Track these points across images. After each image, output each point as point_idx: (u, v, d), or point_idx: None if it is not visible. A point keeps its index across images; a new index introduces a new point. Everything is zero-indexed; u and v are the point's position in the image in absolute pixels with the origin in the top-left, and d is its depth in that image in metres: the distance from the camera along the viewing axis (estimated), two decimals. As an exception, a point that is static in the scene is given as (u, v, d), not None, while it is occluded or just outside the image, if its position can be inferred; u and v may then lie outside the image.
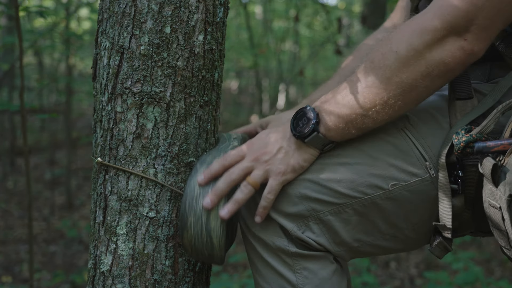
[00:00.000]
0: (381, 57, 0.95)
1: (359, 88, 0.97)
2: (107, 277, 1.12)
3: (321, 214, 1.05)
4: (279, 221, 1.05)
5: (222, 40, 1.18)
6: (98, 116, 1.16)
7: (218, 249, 1.05)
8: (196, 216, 1.04)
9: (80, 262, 3.78)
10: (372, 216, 1.06)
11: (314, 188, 1.05)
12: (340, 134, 1.03)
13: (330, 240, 1.07)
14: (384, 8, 5.00)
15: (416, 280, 3.43)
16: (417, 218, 1.07)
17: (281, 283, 1.07)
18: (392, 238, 1.09)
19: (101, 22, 1.14)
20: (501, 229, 0.92)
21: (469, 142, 0.96)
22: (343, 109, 1.00)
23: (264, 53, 5.62)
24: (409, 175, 1.04)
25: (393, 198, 1.04)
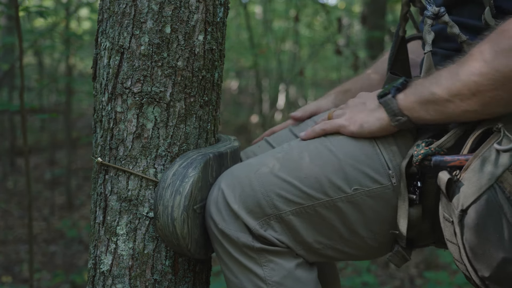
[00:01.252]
0: (479, 54, 0.94)
1: (451, 73, 0.96)
2: (107, 277, 1.12)
3: (283, 214, 1.07)
4: (243, 219, 1.07)
5: (222, 40, 1.18)
6: (98, 116, 1.16)
7: (182, 239, 1.07)
8: (164, 206, 1.06)
9: (80, 262, 3.78)
10: (333, 220, 1.07)
11: (280, 185, 1.06)
12: (417, 111, 1.00)
13: (291, 238, 1.08)
14: (384, 8, 5.00)
15: (416, 280, 3.43)
16: (378, 227, 1.08)
17: (249, 277, 1.09)
18: (353, 245, 1.10)
19: (101, 22, 1.14)
20: (453, 243, 0.95)
21: (427, 155, 0.97)
22: (430, 87, 0.99)
23: (264, 53, 5.62)
24: (372, 181, 1.05)
25: (354, 202, 1.05)
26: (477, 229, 0.89)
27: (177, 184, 1.07)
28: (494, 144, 0.89)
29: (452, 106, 0.96)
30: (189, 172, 1.07)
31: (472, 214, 0.89)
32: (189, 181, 1.06)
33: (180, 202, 1.05)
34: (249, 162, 1.13)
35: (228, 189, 1.08)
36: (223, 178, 1.11)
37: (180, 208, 1.05)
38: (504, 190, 0.87)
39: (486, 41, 0.94)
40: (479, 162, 0.90)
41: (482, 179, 0.89)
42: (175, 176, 1.07)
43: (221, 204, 1.08)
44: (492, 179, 0.88)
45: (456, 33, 1.04)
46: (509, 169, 0.87)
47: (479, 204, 0.89)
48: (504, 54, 0.90)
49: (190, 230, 1.07)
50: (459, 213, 0.90)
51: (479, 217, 0.89)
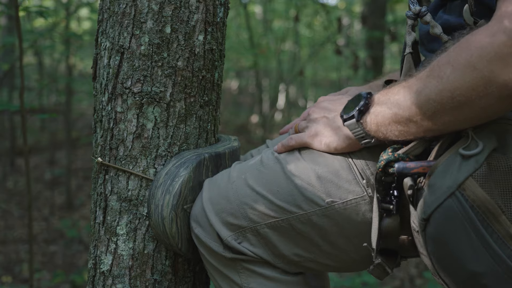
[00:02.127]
0: (438, 68, 0.86)
1: (410, 92, 0.89)
2: (107, 277, 1.12)
3: (258, 227, 1.04)
4: (216, 229, 1.05)
5: (222, 40, 1.18)
6: (98, 116, 1.16)
7: (171, 238, 1.07)
8: (155, 204, 1.07)
9: (80, 262, 3.78)
10: (310, 233, 1.03)
11: (253, 197, 1.04)
12: (382, 132, 0.95)
13: (268, 252, 1.05)
14: (384, 8, 5.00)
15: (416, 280, 3.43)
16: (358, 240, 1.02)
17: (228, 283, 1.08)
18: (335, 257, 1.06)
19: (101, 22, 1.14)
20: (424, 254, 0.89)
21: (390, 161, 0.91)
22: (393, 108, 0.92)
23: (264, 53, 5.62)
24: (346, 192, 1.00)
25: (329, 215, 1.01)
26: (439, 240, 0.84)
27: (168, 183, 1.07)
28: (459, 149, 0.83)
29: (414, 126, 0.89)
30: (180, 171, 1.08)
31: (433, 224, 0.83)
32: (179, 180, 1.07)
33: (169, 201, 1.06)
34: (229, 171, 1.11)
35: (206, 198, 1.07)
36: (206, 185, 1.10)
37: (168, 207, 1.06)
38: (466, 198, 0.81)
39: (445, 54, 0.86)
40: (442, 168, 0.84)
41: (444, 186, 0.82)
42: (167, 176, 1.08)
43: (199, 212, 1.08)
44: (453, 186, 0.81)
45: (437, 33, 0.97)
46: (473, 176, 0.81)
47: (440, 212, 0.82)
48: (461, 70, 0.81)
49: (180, 229, 1.08)
50: (422, 222, 0.85)
51: (441, 226, 0.83)
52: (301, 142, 1.05)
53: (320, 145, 1.03)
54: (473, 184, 0.81)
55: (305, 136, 1.05)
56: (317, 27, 7.80)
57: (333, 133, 1.02)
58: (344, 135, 1.00)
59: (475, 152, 0.82)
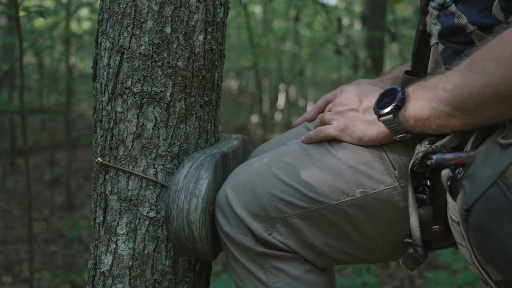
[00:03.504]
0: (481, 62, 0.85)
1: (451, 86, 0.89)
2: (107, 277, 1.12)
3: (288, 217, 1.04)
4: (246, 222, 1.05)
5: (222, 40, 1.18)
6: (98, 116, 1.16)
7: (199, 242, 1.06)
8: (178, 209, 1.05)
9: (80, 262, 3.78)
10: (340, 223, 1.03)
11: (283, 189, 1.04)
12: (419, 127, 0.94)
13: (298, 243, 1.05)
14: (384, 8, 5.00)
15: (416, 280, 3.43)
16: (389, 229, 1.03)
17: (253, 281, 1.07)
18: (365, 248, 1.06)
19: (101, 22, 1.14)
20: (463, 245, 0.89)
21: (427, 153, 0.92)
22: (431, 102, 0.91)
23: (264, 53, 5.62)
24: (377, 183, 1.00)
25: (360, 206, 1.01)
26: (482, 229, 0.83)
27: (192, 186, 1.05)
28: (498, 139, 0.83)
29: (454, 120, 0.89)
30: (202, 173, 1.06)
31: (476, 214, 0.83)
32: (204, 183, 1.05)
33: (198, 204, 1.04)
34: (251, 164, 1.11)
35: (232, 192, 1.07)
36: (228, 181, 1.10)
37: (197, 210, 1.04)
38: (509, 186, 0.80)
39: (487, 48, 0.85)
40: (482, 158, 0.84)
41: (485, 175, 0.82)
42: (187, 179, 1.06)
43: (225, 207, 1.07)
44: (495, 175, 0.80)
45: (463, 23, 0.97)
46: None
47: (482, 201, 0.82)
48: (507, 65, 0.81)
49: (207, 233, 1.06)
50: (463, 212, 0.84)
51: (484, 216, 0.82)
52: (330, 135, 1.05)
53: (351, 138, 1.02)
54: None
55: (334, 129, 1.04)
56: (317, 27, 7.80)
57: (365, 127, 1.01)
58: (378, 129, 1.00)
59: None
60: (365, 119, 1.02)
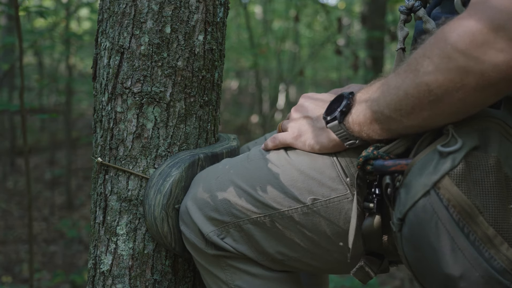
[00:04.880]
0: (415, 61, 0.83)
1: (389, 88, 0.86)
2: (107, 277, 1.12)
3: (241, 222, 1.02)
4: (198, 224, 1.04)
5: (222, 40, 1.18)
6: (98, 116, 1.16)
7: (164, 238, 1.07)
8: (148, 204, 1.08)
9: (80, 262, 3.78)
10: (292, 232, 1.00)
11: (237, 193, 1.02)
12: (365, 132, 0.91)
13: (252, 248, 1.04)
14: (384, 8, 5.00)
15: (416, 280, 3.43)
16: (342, 239, 0.99)
17: (214, 279, 1.08)
18: (319, 258, 1.03)
19: (101, 22, 1.14)
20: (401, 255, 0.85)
21: (368, 159, 0.88)
22: (372, 106, 0.89)
23: (264, 53, 5.62)
24: (329, 190, 0.97)
25: (311, 214, 0.98)
26: (414, 240, 0.80)
27: (160, 183, 1.07)
28: (438, 146, 0.79)
29: (394, 123, 0.86)
30: (172, 171, 1.08)
31: (408, 223, 0.80)
32: (169, 180, 1.07)
33: (160, 200, 1.06)
34: (217, 166, 1.10)
35: (191, 193, 1.07)
36: (194, 181, 1.09)
37: (159, 206, 1.06)
38: (441, 197, 0.77)
39: (421, 47, 0.82)
40: (419, 166, 0.80)
41: (419, 184, 0.79)
42: (160, 176, 1.08)
43: (183, 208, 1.07)
44: (428, 184, 0.77)
45: (429, 28, 0.94)
46: (450, 174, 0.77)
47: (413, 211, 0.79)
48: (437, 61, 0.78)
49: (172, 229, 1.07)
50: (397, 222, 0.81)
51: (415, 227, 0.79)
52: (285, 142, 1.03)
53: (304, 146, 1.01)
54: (449, 182, 0.77)
55: (288, 136, 1.03)
56: (317, 27, 7.80)
57: (316, 134, 0.99)
58: (328, 137, 0.97)
59: (453, 149, 0.78)
60: (316, 126, 1.00)
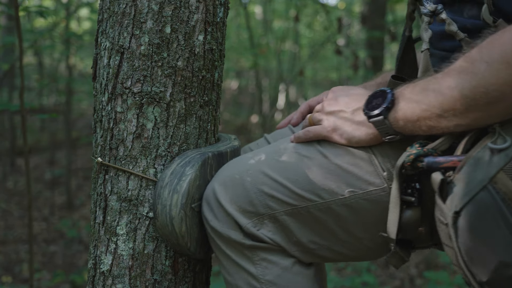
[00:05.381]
0: (471, 64, 0.88)
1: (441, 87, 0.91)
2: (107, 277, 1.12)
3: (277, 213, 1.05)
4: (234, 217, 1.06)
5: (222, 40, 1.18)
6: (98, 116, 1.16)
7: (181, 238, 1.07)
8: (162, 205, 1.07)
9: (80, 262, 3.78)
10: (328, 221, 1.05)
11: (272, 185, 1.05)
12: (409, 128, 0.97)
13: (285, 239, 1.07)
14: (384, 8, 5.00)
15: (416, 280, 3.43)
16: (375, 229, 1.04)
17: (242, 275, 1.08)
18: (352, 246, 1.08)
19: (101, 22, 1.14)
20: (450, 246, 0.91)
21: (419, 156, 0.94)
22: (421, 104, 0.94)
23: (264, 53, 5.62)
24: (366, 183, 1.03)
25: (349, 205, 1.03)
26: (471, 232, 0.85)
27: (175, 182, 1.07)
28: (488, 144, 0.85)
29: (444, 121, 0.92)
30: (186, 170, 1.07)
31: (465, 216, 0.85)
32: (186, 179, 1.06)
33: (178, 200, 1.06)
34: (241, 160, 1.12)
35: (220, 187, 1.08)
36: (216, 176, 1.11)
37: (177, 206, 1.06)
38: (498, 191, 0.83)
39: (476, 51, 0.88)
40: (472, 163, 0.86)
41: (475, 180, 0.85)
42: (173, 175, 1.08)
43: (213, 202, 1.08)
44: (485, 180, 0.83)
45: (454, 31, 1.00)
46: (504, 169, 0.83)
47: (472, 205, 0.85)
48: (496, 66, 0.84)
49: (189, 229, 1.07)
50: (453, 215, 0.86)
51: (473, 219, 0.85)
52: (319, 135, 1.07)
53: (340, 139, 1.04)
54: (504, 177, 0.82)
55: (323, 130, 1.06)
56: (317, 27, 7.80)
57: (354, 128, 1.03)
58: (367, 131, 1.02)
59: (505, 147, 0.84)
60: (354, 120, 1.04)
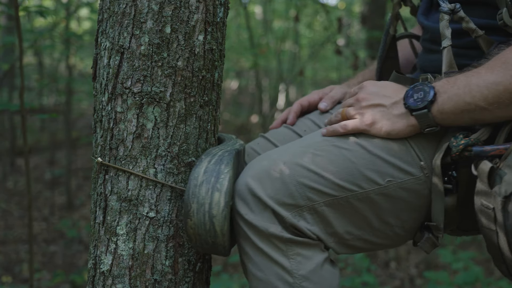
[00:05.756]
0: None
1: (485, 82, 0.99)
2: (107, 277, 1.12)
3: (316, 205, 1.08)
4: (275, 209, 1.07)
5: (222, 40, 1.18)
6: (98, 116, 1.16)
7: (221, 237, 1.06)
8: (199, 203, 1.05)
9: (80, 262, 3.78)
10: (365, 211, 1.09)
11: (312, 178, 1.07)
12: (451, 120, 1.04)
13: (323, 230, 1.09)
14: (384, 8, 5.00)
15: (416, 280, 3.43)
16: (407, 216, 1.11)
17: (275, 269, 1.08)
18: (382, 234, 1.13)
19: (101, 22, 1.14)
20: (492, 229, 0.98)
21: (467, 146, 1.01)
22: (465, 97, 1.01)
23: (264, 53, 5.62)
24: (404, 173, 1.08)
25: (386, 194, 1.08)
26: None
27: (213, 181, 1.06)
28: None
29: (487, 114, 1.00)
30: (222, 168, 1.07)
31: None
32: (225, 177, 1.06)
33: (220, 199, 1.05)
34: (271, 155, 1.13)
35: (255, 182, 1.08)
36: (247, 171, 1.11)
37: (220, 204, 1.04)
38: None
39: None
40: None
41: None
42: (207, 173, 1.06)
43: (248, 197, 1.08)
44: None
45: (473, 28, 1.08)
46: None
47: None
48: None
49: (228, 227, 1.07)
50: (502, 199, 0.93)
51: None
52: (358, 129, 1.11)
53: (379, 132, 1.09)
54: None
55: (362, 124, 1.10)
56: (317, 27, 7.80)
57: (394, 121, 1.08)
58: (407, 123, 1.07)
59: None
60: (392, 113, 1.09)
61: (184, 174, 1.13)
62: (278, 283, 1.07)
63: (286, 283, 1.07)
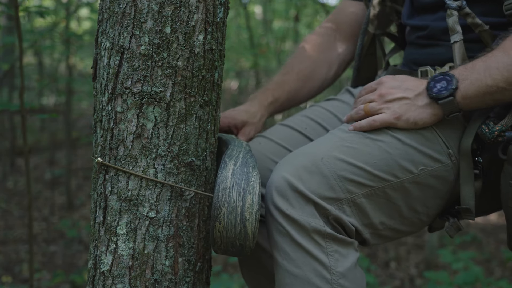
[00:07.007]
0: None
1: (505, 64, 1.07)
2: (107, 277, 1.12)
3: (355, 197, 1.11)
4: (318, 202, 1.09)
5: (222, 40, 1.18)
6: (98, 116, 1.16)
7: (252, 239, 1.06)
8: (230, 207, 1.05)
9: (80, 262, 3.78)
10: (398, 200, 1.14)
11: (351, 170, 1.11)
12: (474, 103, 1.11)
13: (359, 222, 1.13)
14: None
15: (416, 280, 3.43)
16: (433, 202, 1.17)
17: (314, 266, 1.08)
18: (409, 222, 1.18)
19: (101, 22, 1.14)
20: None
21: (501, 131, 1.09)
22: (486, 81, 1.08)
23: (264, 53, 5.62)
24: (434, 161, 1.14)
25: (418, 182, 1.14)
26: None
27: (243, 184, 1.06)
28: None
29: (508, 93, 1.08)
30: (250, 171, 1.07)
31: None
32: (256, 180, 1.07)
33: (253, 201, 1.05)
34: (305, 151, 1.15)
35: (294, 177, 1.09)
36: (284, 167, 1.12)
37: (254, 207, 1.05)
38: None
39: None
40: None
41: None
42: (236, 176, 1.07)
43: (288, 192, 1.09)
44: None
45: (479, 23, 1.15)
46: None
47: None
48: None
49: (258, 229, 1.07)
50: None
51: None
52: (386, 123, 1.15)
53: (407, 124, 1.14)
54: None
55: (389, 118, 1.15)
56: (317, 27, 7.77)
57: (419, 111, 1.14)
58: (432, 112, 1.13)
59: None
60: (417, 105, 1.14)
61: (184, 174, 1.13)
62: (315, 280, 1.08)
63: (323, 280, 1.08)
